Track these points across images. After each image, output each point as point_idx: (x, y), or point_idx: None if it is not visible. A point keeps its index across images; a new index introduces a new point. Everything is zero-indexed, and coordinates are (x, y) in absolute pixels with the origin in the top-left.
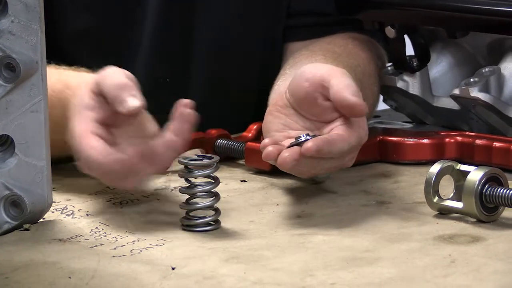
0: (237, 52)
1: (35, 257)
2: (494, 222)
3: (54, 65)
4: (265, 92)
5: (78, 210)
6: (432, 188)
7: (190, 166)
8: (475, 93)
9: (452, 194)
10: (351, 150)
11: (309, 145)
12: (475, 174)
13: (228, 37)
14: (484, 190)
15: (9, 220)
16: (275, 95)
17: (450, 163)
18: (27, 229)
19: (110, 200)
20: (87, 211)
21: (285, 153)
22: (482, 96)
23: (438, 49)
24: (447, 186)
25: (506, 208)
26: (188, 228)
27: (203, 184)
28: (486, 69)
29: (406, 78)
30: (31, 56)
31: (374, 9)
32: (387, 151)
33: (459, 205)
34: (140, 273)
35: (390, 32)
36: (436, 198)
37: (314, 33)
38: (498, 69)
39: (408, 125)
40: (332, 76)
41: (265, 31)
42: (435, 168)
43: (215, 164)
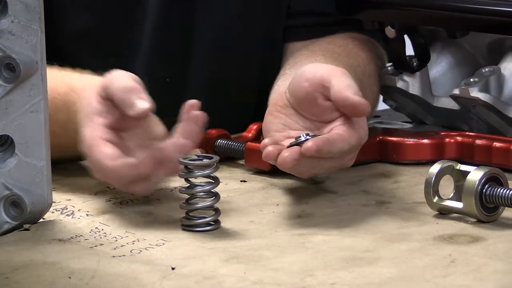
0: (237, 52)
1: (35, 257)
2: (494, 222)
3: (57, 67)
4: (265, 92)
5: (78, 210)
6: (432, 188)
7: (190, 166)
8: (475, 93)
9: (452, 194)
10: (351, 150)
11: (309, 145)
12: (475, 174)
13: (228, 37)
14: (484, 190)
15: (9, 220)
16: (275, 95)
17: (450, 163)
18: (27, 229)
19: (110, 200)
20: (87, 211)
21: (285, 153)
22: (482, 96)
23: (438, 49)
24: (447, 186)
25: (506, 208)
26: (188, 228)
27: (203, 184)
28: (486, 69)
29: (406, 78)
30: (31, 56)
31: (374, 9)
32: (387, 151)
33: (459, 205)
34: (140, 273)
35: (390, 32)
36: (436, 198)
37: (314, 33)
38: (498, 69)
39: (408, 125)
40: (333, 76)
41: (265, 31)
42: (435, 168)
43: (215, 164)
